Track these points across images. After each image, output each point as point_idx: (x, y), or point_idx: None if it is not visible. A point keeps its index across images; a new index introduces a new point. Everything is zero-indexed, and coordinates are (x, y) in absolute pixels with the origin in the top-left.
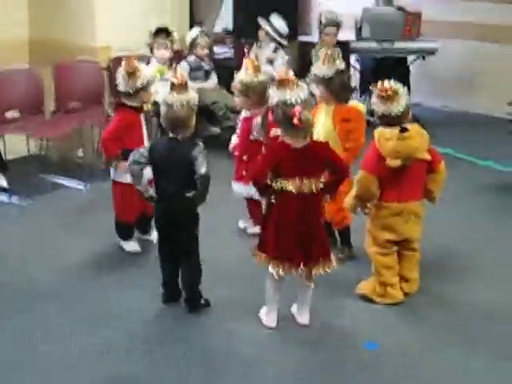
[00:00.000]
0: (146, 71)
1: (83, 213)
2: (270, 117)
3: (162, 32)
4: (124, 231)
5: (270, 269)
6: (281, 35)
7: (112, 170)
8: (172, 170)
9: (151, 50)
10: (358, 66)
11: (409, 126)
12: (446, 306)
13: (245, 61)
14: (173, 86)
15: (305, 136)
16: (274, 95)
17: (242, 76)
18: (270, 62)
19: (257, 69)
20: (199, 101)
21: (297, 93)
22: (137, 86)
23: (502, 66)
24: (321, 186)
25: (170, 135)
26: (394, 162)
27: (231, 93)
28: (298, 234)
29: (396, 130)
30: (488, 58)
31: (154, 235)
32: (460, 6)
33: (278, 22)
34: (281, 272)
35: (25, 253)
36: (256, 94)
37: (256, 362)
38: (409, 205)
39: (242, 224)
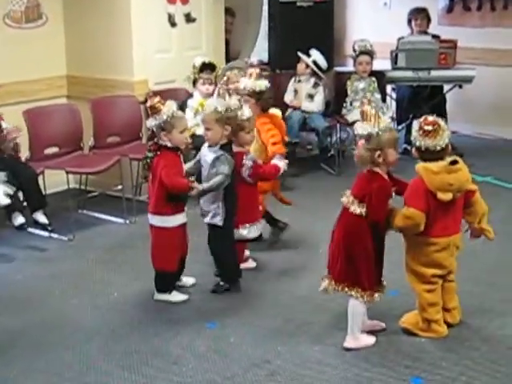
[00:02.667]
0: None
1: (124, 248)
2: None
3: (208, 67)
4: (164, 283)
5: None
6: (321, 70)
7: (150, 216)
8: None
9: (194, 84)
10: (394, 96)
11: (456, 158)
12: (490, 339)
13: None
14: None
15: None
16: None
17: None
18: (310, 96)
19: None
20: None
21: (368, 127)
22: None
23: None
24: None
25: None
26: (447, 196)
27: None
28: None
29: (443, 163)
30: None
31: (185, 280)
32: (495, 32)
33: (319, 57)
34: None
35: (66, 288)
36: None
37: None
38: (454, 238)
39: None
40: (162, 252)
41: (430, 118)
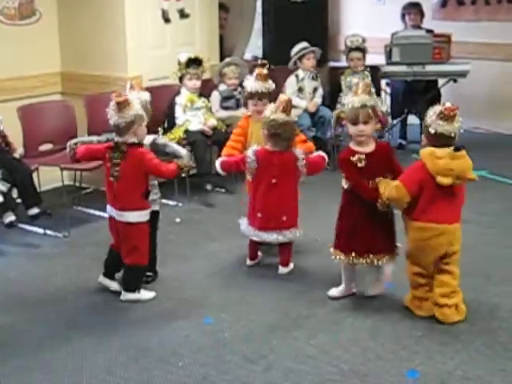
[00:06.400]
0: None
1: None
2: None
3: (194, 62)
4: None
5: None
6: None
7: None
8: None
9: (180, 80)
10: (388, 90)
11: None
12: (486, 332)
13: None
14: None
15: None
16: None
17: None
18: (315, 90)
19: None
20: (232, 129)
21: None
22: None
23: None
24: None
25: None
26: (447, 180)
27: None
28: None
29: (447, 150)
30: None
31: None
32: (490, 26)
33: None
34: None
35: (61, 285)
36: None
37: None
38: (449, 227)
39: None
40: (145, 247)
41: (450, 105)
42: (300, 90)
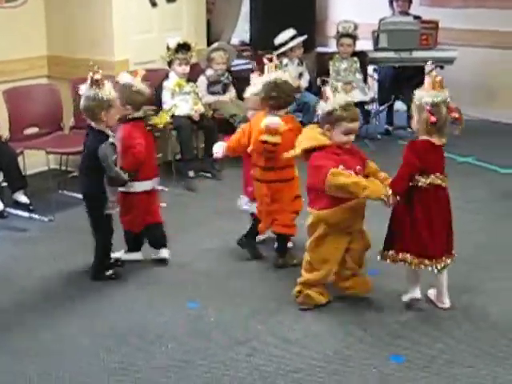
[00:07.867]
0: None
1: None
2: None
3: (183, 47)
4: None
5: None
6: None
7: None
8: None
9: (169, 65)
10: (375, 76)
11: None
12: (473, 317)
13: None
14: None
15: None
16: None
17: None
18: (300, 75)
19: None
20: (219, 113)
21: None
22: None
23: None
24: None
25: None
26: None
27: None
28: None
29: None
30: (505, 65)
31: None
32: (478, 13)
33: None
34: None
35: (46, 269)
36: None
37: None
38: None
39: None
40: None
41: None
42: None
